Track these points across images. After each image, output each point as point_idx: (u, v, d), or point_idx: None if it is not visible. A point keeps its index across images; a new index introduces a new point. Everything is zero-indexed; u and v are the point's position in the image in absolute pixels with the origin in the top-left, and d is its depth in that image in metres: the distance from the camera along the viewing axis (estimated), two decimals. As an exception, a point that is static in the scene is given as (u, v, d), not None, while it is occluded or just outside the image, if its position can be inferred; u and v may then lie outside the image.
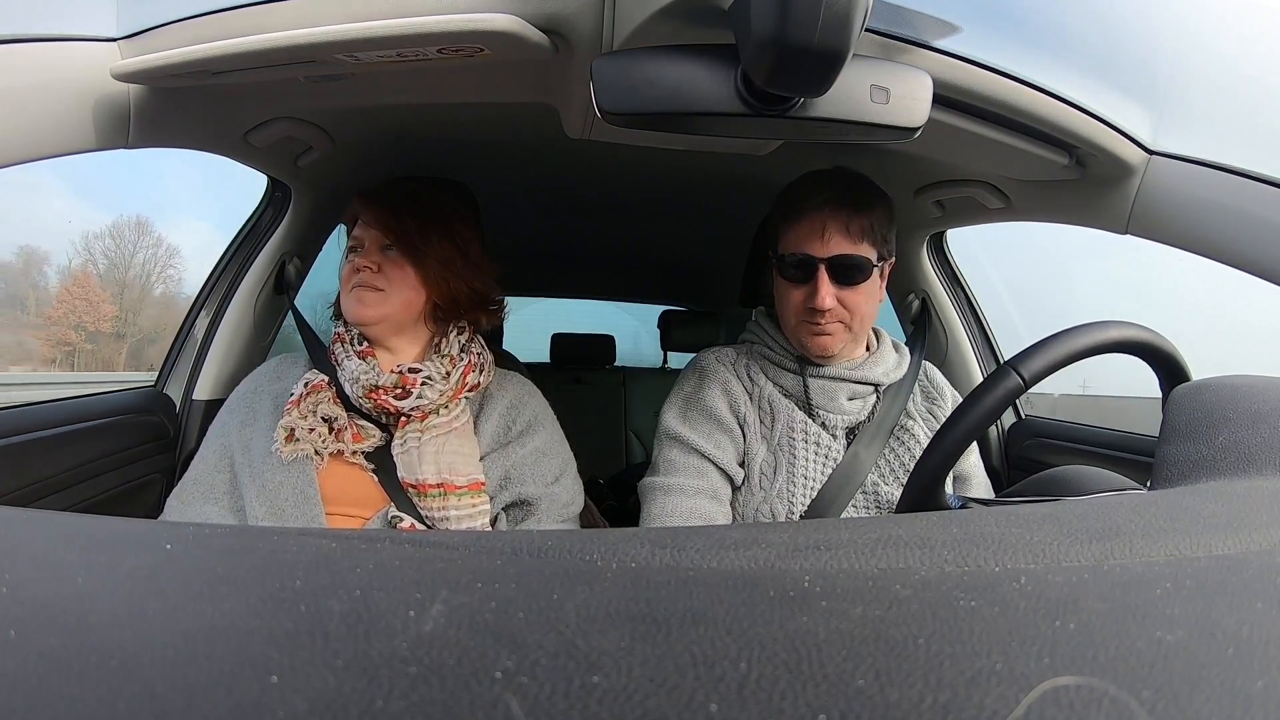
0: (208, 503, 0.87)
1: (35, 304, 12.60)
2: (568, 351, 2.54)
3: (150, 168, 25.32)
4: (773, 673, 0.18)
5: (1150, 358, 0.65)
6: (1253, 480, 0.41)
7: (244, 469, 0.87)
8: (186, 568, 0.24)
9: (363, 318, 0.90)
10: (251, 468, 0.86)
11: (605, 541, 0.27)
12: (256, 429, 0.89)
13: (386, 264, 0.91)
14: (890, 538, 0.28)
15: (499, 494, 0.91)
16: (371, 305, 0.90)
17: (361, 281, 0.90)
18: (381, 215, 0.92)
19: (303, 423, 0.85)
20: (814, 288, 0.89)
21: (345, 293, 0.92)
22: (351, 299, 0.90)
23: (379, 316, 0.90)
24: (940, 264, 1.40)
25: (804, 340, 0.93)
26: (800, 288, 0.91)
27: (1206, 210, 0.78)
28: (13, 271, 12.74)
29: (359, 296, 0.90)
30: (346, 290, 0.91)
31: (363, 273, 0.90)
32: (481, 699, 0.16)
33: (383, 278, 0.90)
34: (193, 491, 0.89)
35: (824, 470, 0.92)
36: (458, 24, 0.59)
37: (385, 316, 0.91)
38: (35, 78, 0.62)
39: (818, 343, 0.92)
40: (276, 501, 0.82)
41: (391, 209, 0.92)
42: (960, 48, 0.68)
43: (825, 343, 0.91)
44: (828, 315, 0.89)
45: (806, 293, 0.90)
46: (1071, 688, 0.17)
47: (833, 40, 0.46)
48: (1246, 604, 0.23)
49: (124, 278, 13.07)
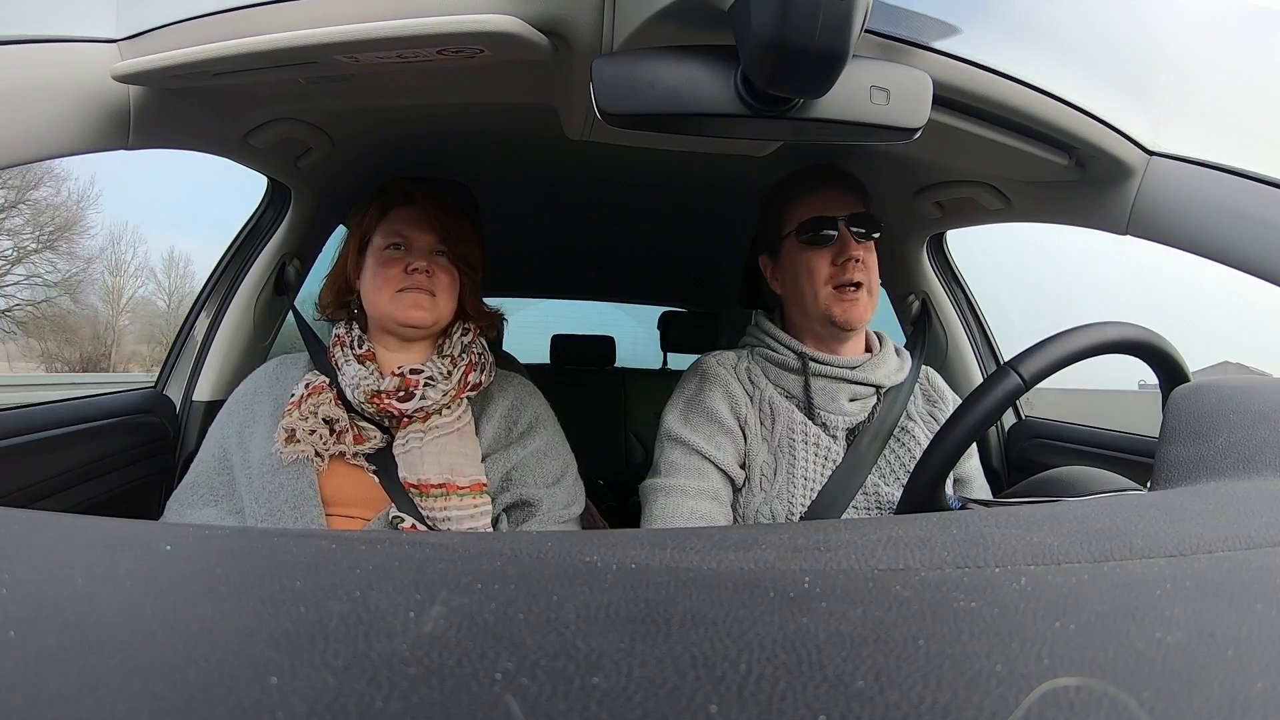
0: (207, 505, 0.87)
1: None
2: (567, 353, 2.54)
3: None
4: (773, 673, 0.18)
5: (1150, 358, 0.65)
6: (1253, 481, 0.41)
7: (242, 471, 0.87)
8: (186, 568, 0.24)
9: (418, 321, 0.88)
10: (250, 470, 0.86)
11: (605, 542, 0.27)
12: (256, 430, 0.89)
13: (436, 269, 0.89)
14: (890, 538, 0.28)
15: (500, 495, 0.90)
16: (427, 309, 0.88)
17: (416, 285, 0.87)
18: (439, 216, 0.89)
19: (303, 424, 0.84)
20: (841, 246, 0.93)
21: (389, 293, 0.88)
22: (404, 301, 0.87)
23: (432, 320, 0.89)
24: (940, 265, 1.40)
25: (835, 311, 0.94)
26: (825, 250, 0.94)
27: (1206, 211, 0.78)
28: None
29: (415, 300, 0.87)
30: (392, 291, 0.88)
31: (416, 275, 0.87)
32: (481, 700, 0.16)
33: (435, 282, 0.89)
34: (191, 495, 0.88)
35: (824, 471, 0.92)
36: (458, 25, 0.59)
37: (437, 320, 0.90)
38: (35, 79, 0.62)
39: (851, 310, 0.93)
40: (275, 504, 0.82)
41: (447, 211, 0.90)
42: (960, 49, 0.68)
43: (857, 311, 0.93)
44: (858, 271, 0.92)
45: (834, 252, 0.93)
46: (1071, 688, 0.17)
47: (833, 41, 0.46)
48: (1246, 605, 0.22)
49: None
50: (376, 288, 0.89)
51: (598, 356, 2.57)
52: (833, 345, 0.98)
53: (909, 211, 1.24)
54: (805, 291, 0.96)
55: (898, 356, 1.02)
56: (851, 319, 0.93)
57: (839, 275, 0.93)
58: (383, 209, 0.92)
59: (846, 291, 0.93)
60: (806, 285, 0.95)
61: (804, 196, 0.96)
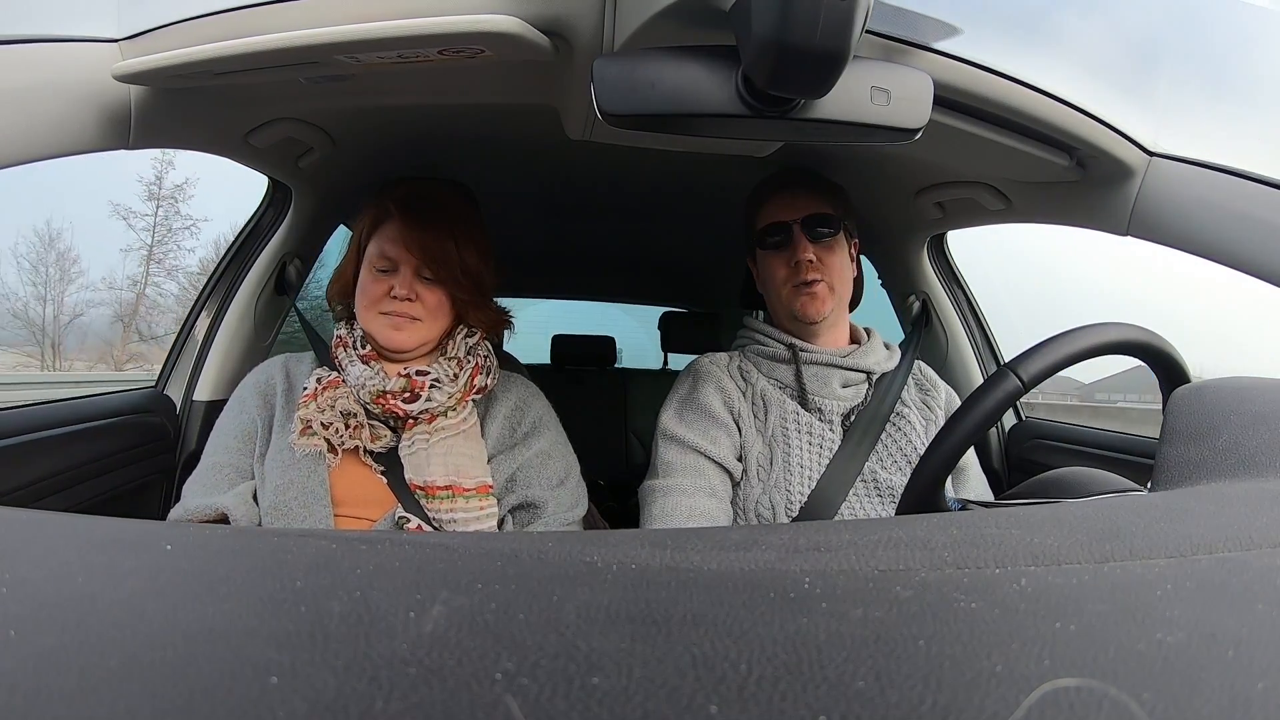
0: (240, 480, 0.85)
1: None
2: (568, 353, 2.54)
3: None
4: (773, 674, 0.18)
5: (1150, 359, 0.65)
6: (1253, 482, 0.40)
7: (256, 462, 0.87)
8: (186, 568, 0.24)
9: (399, 344, 0.88)
10: (262, 461, 0.86)
11: (605, 543, 0.27)
12: (270, 420, 0.89)
13: (424, 292, 0.88)
14: (890, 539, 0.28)
15: (505, 496, 0.90)
16: (409, 333, 0.88)
17: (398, 311, 0.87)
18: (422, 240, 0.88)
19: (320, 416, 0.84)
20: (793, 249, 0.97)
21: (374, 314, 0.88)
22: (385, 325, 0.87)
23: (416, 343, 0.89)
24: (940, 265, 1.40)
25: (795, 307, 0.97)
26: (781, 253, 0.98)
27: (1207, 212, 0.78)
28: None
29: (396, 325, 0.87)
30: (375, 312, 0.88)
31: (399, 303, 0.87)
32: (481, 700, 0.16)
33: (420, 306, 0.88)
34: (214, 476, 0.86)
35: (820, 460, 0.93)
36: (459, 25, 0.59)
37: (422, 343, 0.90)
38: (36, 78, 0.62)
39: (809, 305, 0.96)
40: (284, 499, 0.81)
41: (427, 229, 0.88)
42: (961, 49, 0.68)
43: (815, 305, 0.96)
44: (811, 270, 0.96)
45: (788, 255, 0.97)
46: (1072, 689, 0.17)
47: (833, 42, 0.46)
48: (1247, 606, 0.22)
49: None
50: (364, 305, 0.89)
51: (598, 357, 2.57)
52: (811, 340, 1.01)
53: (909, 212, 1.24)
54: (771, 292, 1.01)
55: (887, 349, 1.04)
56: (809, 312, 0.97)
57: (794, 276, 0.97)
58: (374, 221, 0.91)
59: (804, 287, 0.96)
60: (771, 287, 1.01)
61: (765, 202, 1.01)
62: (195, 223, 14.80)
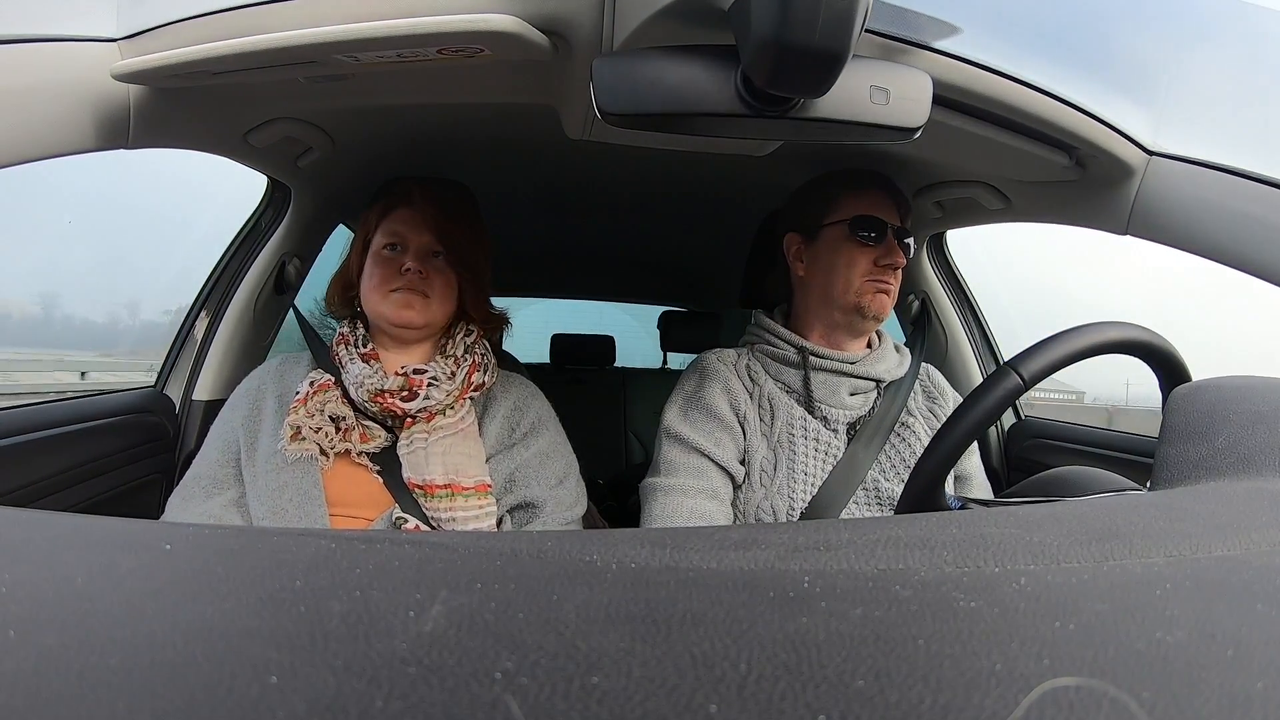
0: (210, 498, 0.86)
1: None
2: (567, 352, 2.54)
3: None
4: (772, 673, 0.18)
5: (1150, 358, 0.65)
6: (1253, 481, 0.41)
7: (247, 467, 0.86)
8: (186, 568, 0.24)
9: (409, 320, 0.89)
10: (255, 466, 0.86)
11: (605, 542, 0.27)
12: (261, 427, 0.89)
13: (432, 271, 0.90)
14: (890, 538, 0.28)
15: (504, 496, 0.90)
16: (419, 309, 0.89)
17: (410, 285, 0.88)
18: (436, 218, 0.90)
19: (309, 421, 0.84)
20: (886, 248, 0.96)
21: (383, 293, 0.89)
22: (395, 301, 0.89)
23: (425, 321, 0.90)
24: (940, 265, 1.41)
25: (866, 299, 0.96)
26: (869, 248, 0.96)
27: (1206, 211, 0.78)
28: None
29: (406, 300, 0.89)
30: (385, 291, 0.89)
31: (410, 275, 0.88)
32: (481, 699, 0.16)
33: (429, 283, 0.90)
34: (193, 488, 0.88)
35: (824, 466, 0.92)
36: (458, 24, 0.59)
37: (429, 323, 0.91)
38: (35, 78, 0.62)
39: (882, 302, 0.96)
40: (279, 502, 0.82)
41: (446, 212, 0.90)
42: (960, 48, 0.68)
43: (886, 304, 0.96)
44: (893, 275, 0.96)
45: (879, 253, 0.96)
46: (1071, 688, 0.17)
47: (832, 41, 0.46)
48: (1246, 605, 0.22)
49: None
50: (372, 287, 0.90)
51: (598, 356, 2.57)
52: (842, 338, 0.99)
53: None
54: (838, 279, 0.97)
55: (897, 353, 1.03)
56: (878, 308, 0.96)
57: (876, 274, 0.96)
58: (384, 209, 0.93)
59: (880, 284, 0.96)
60: (843, 274, 0.97)
61: (860, 192, 0.98)
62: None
